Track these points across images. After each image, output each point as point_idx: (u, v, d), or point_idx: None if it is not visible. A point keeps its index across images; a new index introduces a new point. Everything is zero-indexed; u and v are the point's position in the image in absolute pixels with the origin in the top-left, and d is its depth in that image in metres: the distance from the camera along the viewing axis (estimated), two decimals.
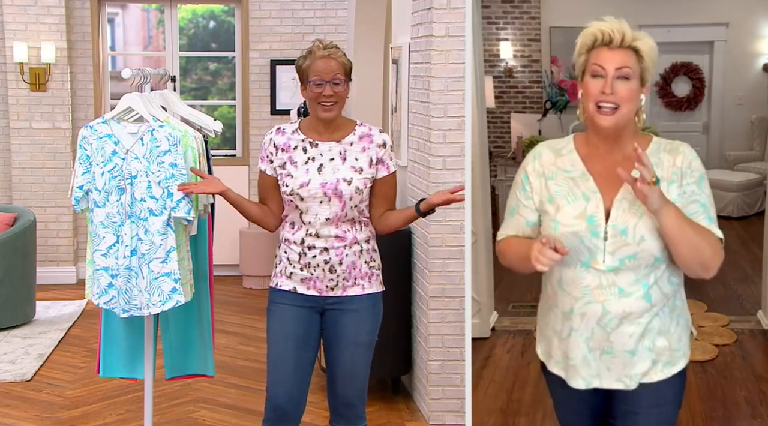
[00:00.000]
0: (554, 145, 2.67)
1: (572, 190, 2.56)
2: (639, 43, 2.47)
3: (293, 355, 3.31)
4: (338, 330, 3.34)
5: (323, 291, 3.30)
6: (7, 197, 7.89)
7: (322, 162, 3.26)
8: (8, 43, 7.61)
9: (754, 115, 8.52)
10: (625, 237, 2.47)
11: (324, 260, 3.27)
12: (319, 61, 3.21)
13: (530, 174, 2.66)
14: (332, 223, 3.25)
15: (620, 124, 2.48)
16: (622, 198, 2.51)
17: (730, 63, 8.78)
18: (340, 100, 3.23)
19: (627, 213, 2.50)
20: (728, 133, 8.69)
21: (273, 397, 3.33)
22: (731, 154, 8.39)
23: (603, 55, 2.47)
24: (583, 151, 2.61)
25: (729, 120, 8.75)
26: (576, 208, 2.54)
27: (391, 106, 5.47)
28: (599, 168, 2.56)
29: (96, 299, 3.62)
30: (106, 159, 3.54)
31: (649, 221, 2.46)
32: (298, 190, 3.23)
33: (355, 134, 3.30)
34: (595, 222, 2.51)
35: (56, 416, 4.78)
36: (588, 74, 2.51)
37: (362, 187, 3.25)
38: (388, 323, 4.88)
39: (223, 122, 4.21)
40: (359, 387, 3.39)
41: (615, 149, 2.55)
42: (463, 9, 4.19)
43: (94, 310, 6.46)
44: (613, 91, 2.44)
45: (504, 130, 8.77)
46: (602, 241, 2.49)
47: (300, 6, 8.01)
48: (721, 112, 8.86)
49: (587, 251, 2.51)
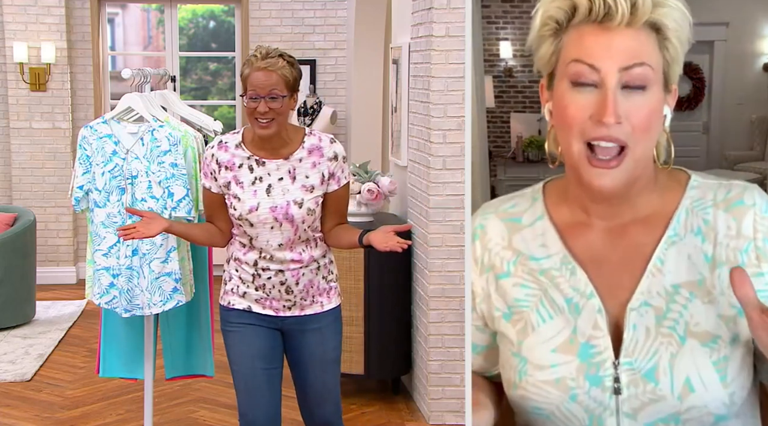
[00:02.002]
0: (508, 207, 1.54)
1: (548, 295, 1.47)
2: (662, 13, 1.33)
3: (263, 374, 3.12)
4: (303, 350, 3.17)
5: (280, 311, 3.11)
6: (7, 197, 7.89)
7: (270, 182, 3.00)
8: (8, 43, 7.60)
9: (754, 115, 8.53)
10: (655, 384, 1.38)
11: (279, 282, 3.06)
12: (255, 73, 2.90)
13: (472, 266, 1.58)
14: (286, 248, 3.03)
15: (633, 175, 1.37)
16: (642, 305, 1.41)
17: (730, 63, 8.79)
18: (278, 117, 2.91)
19: (654, 335, 1.39)
20: (728, 133, 8.69)
21: (251, 422, 3.15)
22: (731, 154, 8.40)
23: (592, 42, 1.33)
24: (562, 216, 1.49)
25: (729, 120, 8.76)
26: (555, 329, 1.45)
27: (391, 106, 5.47)
28: (593, 246, 1.46)
29: (97, 299, 3.62)
30: (107, 159, 3.54)
31: (700, 349, 1.37)
32: (247, 215, 3.00)
33: (303, 148, 3.01)
34: (595, 357, 1.42)
35: (56, 416, 4.77)
36: (564, 80, 1.37)
37: (314, 207, 3.01)
38: (389, 323, 4.89)
39: (223, 122, 4.21)
40: (334, 402, 3.26)
41: (621, 210, 1.44)
42: (463, 9, 4.19)
43: (94, 310, 6.46)
44: (618, 115, 1.32)
45: (504, 130, 8.78)
46: (611, 395, 1.41)
47: (300, 6, 8.01)
48: (721, 112, 8.87)
49: (585, 413, 1.43)
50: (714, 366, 1.36)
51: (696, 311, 1.38)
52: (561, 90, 1.37)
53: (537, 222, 1.49)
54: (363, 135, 7.27)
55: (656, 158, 1.42)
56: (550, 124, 1.43)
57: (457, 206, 4.44)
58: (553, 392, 1.42)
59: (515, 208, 1.52)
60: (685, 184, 1.43)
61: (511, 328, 1.48)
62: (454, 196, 4.45)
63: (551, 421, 1.45)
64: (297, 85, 2.99)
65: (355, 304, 4.77)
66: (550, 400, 1.43)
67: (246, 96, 2.92)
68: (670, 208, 1.42)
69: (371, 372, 4.88)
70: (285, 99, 2.93)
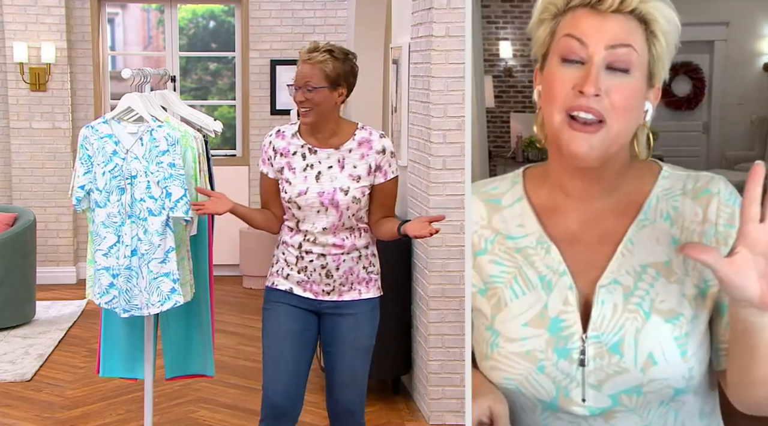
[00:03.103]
0: (490, 189, 1.63)
1: (522, 271, 1.54)
2: (650, 6, 1.43)
3: (291, 352, 3.26)
4: (336, 335, 3.29)
5: (319, 295, 3.26)
6: (7, 197, 7.89)
7: (320, 169, 3.19)
8: (8, 43, 7.61)
9: (754, 115, 8.53)
10: (620, 357, 1.46)
11: (321, 265, 3.23)
12: (299, 65, 3.17)
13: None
14: (330, 232, 3.20)
15: (608, 152, 1.44)
16: (611, 282, 1.49)
17: (730, 62, 8.80)
18: (315, 107, 3.12)
19: (621, 311, 1.47)
20: (728, 133, 8.70)
21: (270, 395, 3.28)
22: (731, 154, 8.40)
23: (585, 21, 1.43)
24: (540, 199, 1.57)
25: (729, 120, 8.76)
26: (527, 305, 1.52)
27: (391, 106, 5.47)
28: (568, 226, 1.54)
29: (97, 299, 3.62)
30: (107, 159, 3.55)
31: (664, 325, 1.45)
32: (296, 198, 3.18)
33: (354, 140, 3.20)
34: (564, 330, 1.49)
35: (56, 416, 4.78)
36: (555, 56, 1.46)
37: (359, 196, 3.18)
38: (389, 323, 4.89)
39: (223, 122, 4.21)
40: (359, 393, 3.36)
41: (597, 193, 1.52)
42: (463, 9, 4.19)
43: (94, 310, 6.46)
44: (599, 88, 1.41)
45: (504, 130, 8.78)
46: (578, 366, 1.47)
47: (300, 6, 8.01)
48: (721, 111, 8.87)
49: (552, 384, 1.49)
50: (675, 341, 1.44)
51: (661, 290, 1.47)
52: (551, 67, 1.47)
53: (516, 203, 1.58)
54: None
55: (637, 153, 1.50)
56: (538, 107, 1.52)
57: (457, 206, 4.44)
58: (523, 363, 1.49)
59: (496, 190, 1.61)
60: (657, 174, 1.53)
61: (486, 302, 1.56)
62: (454, 196, 4.45)
63: (520, 392, 1.51)
64: (340, 79, 3.16)
65: None
66: (519, 371, 1.50)
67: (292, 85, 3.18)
68: (642, 195, 1.51)
69: (371, 372, 4.86)
70: (323, 90, 3.12)
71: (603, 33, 1.42)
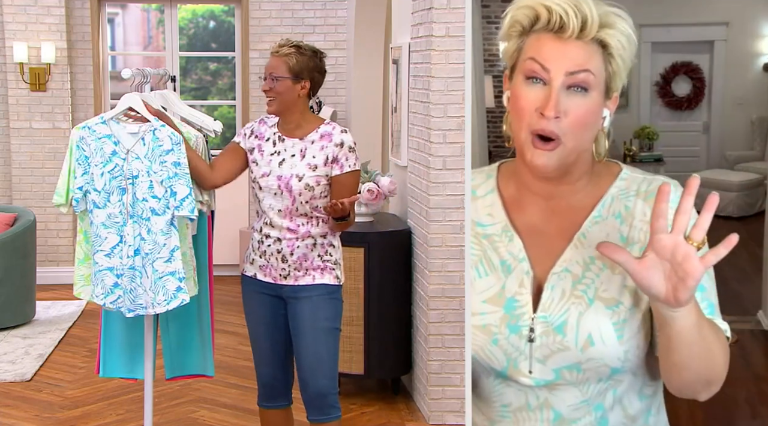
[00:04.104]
0: (471, 181, 1.81)
1: (486, 255, 1.71)
2: (608, 33, 1.55)
3: (267, 337, 3.54)
4: (296, 318, 3.45)
5: (277, 279, 3.46)
6: (7, 197, 7.89)
7: (284, 157, 3.41)
8: (8, 43, 7.61)
9: (754, 115, 8.53)
10: (563, 336, 1.61)
11: (277, 250, 3.42)
12: (269, 58, 3.45)
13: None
14: (285, 216, 3.40)
15: (565, 162, 1.60)
16: (563, 271, 1.64)
17: (730, 63, 8.79)
18: (278, 96, 3.38)
19: (568, 296, 1.63)
20: (728, 133, 8.70)
21: (260, 375, 3.62)
22: (731, 154, 8.40)
23: (548, 47, 1.56)
24: (509, 192, 1.73)
25: (729, 120, 8.76)
26: (488, 284, 1.69)
27: (391, 106, 5.47)
28: (531, 219, 1.70)
29: (101, 300, 3.61)
30: (106, 159, 3.54)
31: (604, 311, 1.60)
32: (259, 179, 3.43)
33: (317, 132, 3.41)
34: (517, 309, 1.65)
35: (56, 416, 4.78)
36: (520, 74, 1.60)
37: (313, 184, 3.36)
38: (389, 323, 4.89)
39: (223, 122, 4.21)
40: (328, 375, 3.45)
41: (557, 192, 1.67)
42: (463, 9, 4.19)
43: (94, 310, 6.46)
44: (558, 110, 1.54)
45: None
46: (527, 342, 1.63)
47: (300, 6, 8.01)
48: (721, 112, 8.87)
49: (504, 356, 1.66)
50: (613, 326, 1.59)
51: (606, 280, 1.62)
52: (517, 82, 1.60)
53: (488, 195, 1.75)
54: (363, 135, 7.26)
55: (595, 153, 1.66)
56: (507, 109, 1.65)
57: (457, 206, 4.44)
58: (480, 335, 1.67)
59: (473, 182, 1.78)
60: (616, 175, 1.68)
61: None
62: (454, 196, 4.46)
63: (476, 361, 1.70)
64: (304, 73, 3.40)
65: (355, 304, 4.77)
66: (477, 341, 1.68)
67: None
68: (600, 194, 1.66)
69: (371, 372, 4.89)
70: (286, 81, 3.36)
71: (563, 60, 1.55)
